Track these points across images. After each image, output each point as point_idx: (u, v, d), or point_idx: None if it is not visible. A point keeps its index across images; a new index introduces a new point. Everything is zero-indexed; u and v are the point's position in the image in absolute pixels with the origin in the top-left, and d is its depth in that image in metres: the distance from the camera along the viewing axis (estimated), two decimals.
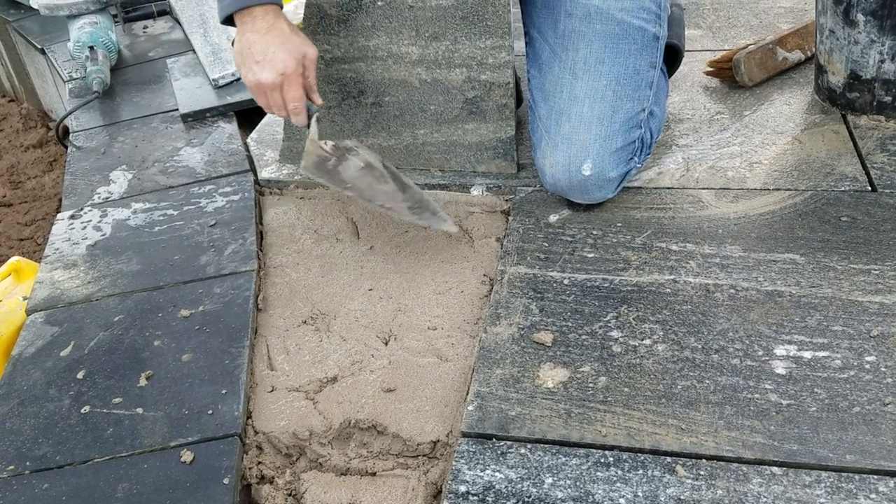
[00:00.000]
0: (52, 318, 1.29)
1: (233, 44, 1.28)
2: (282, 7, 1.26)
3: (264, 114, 1.73)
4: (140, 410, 1.11)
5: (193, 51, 1.98)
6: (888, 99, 1.46)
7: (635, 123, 1.33)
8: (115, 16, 2.16)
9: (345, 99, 1.47)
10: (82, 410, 1.12)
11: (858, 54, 1.44)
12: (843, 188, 1.34)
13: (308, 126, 1.29)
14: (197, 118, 1.74)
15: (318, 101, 1.30)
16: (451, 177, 1.47)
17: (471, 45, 1.37)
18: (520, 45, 1.48)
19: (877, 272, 1.17)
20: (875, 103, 1.47)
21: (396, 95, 1.44)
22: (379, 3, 1.36)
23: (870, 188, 1.33)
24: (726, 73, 1.64)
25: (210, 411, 1.09)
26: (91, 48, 1.90)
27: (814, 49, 1.59)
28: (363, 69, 1.43)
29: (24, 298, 1.39)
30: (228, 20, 1.25)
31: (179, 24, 2.15)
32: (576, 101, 1.31)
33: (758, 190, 1.36)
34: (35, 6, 2.03)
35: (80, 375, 1.17)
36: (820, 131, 1.48)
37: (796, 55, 1.66)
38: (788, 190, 1.35)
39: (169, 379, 1.15)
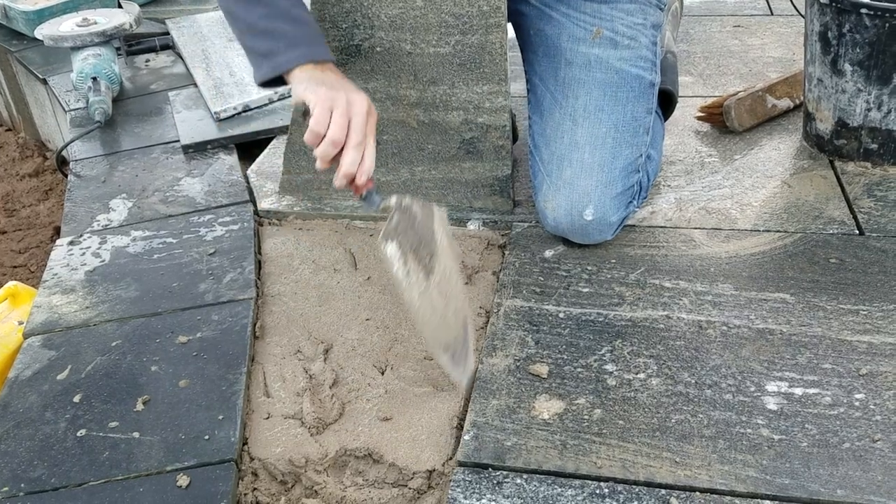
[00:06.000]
0: (49, 342, 1.29)
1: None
2: None
3: (264, 147, 1.76)
4: (136, 434, 1.11)
5: (195, 84, 2.01)
6: (874, 146, 1.50)
7: (634, 168, 1.37)
8: (118, 49, 2.19)
9: None
10: (78, 434, 1.12)
11: (846, 102, 1.49)
12: (831, 231, 1.37)
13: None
14: (198, 150, 1.77)
15: (370, 162, 1.12)
16: (448, 211, 1.49)
17: (468, 90, 1.40)
18: (517, 87, 1.52)
19: (865, 312, 1.20)
20: (862, 150, 1.52)
21: (395, 134, 1.47)
22: (377, 49, 1.39)
23: (857, 232, 1.37)
24: (717, 119, 1.68)
25: (206, 436, 1.10)
26: (94, 79, 1.92)
27: (802, 97, 1.64)
28: None
29: (20, 323, 1.39)
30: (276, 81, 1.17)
31: (181, 59, 2.19)
32: (577, 147, 1.34)
33: (748, 231, 1.39)
34: (39, 37, 2.06)
35: (76, 399, 1.17)
36: (808, 176, 1.52)
37: (785, 102, 1.71)
38: (778, 232, 1.38)
39: (166, 404, 1.15)
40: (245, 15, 1.16)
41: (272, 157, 1.71)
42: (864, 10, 1.38)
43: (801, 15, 1.56)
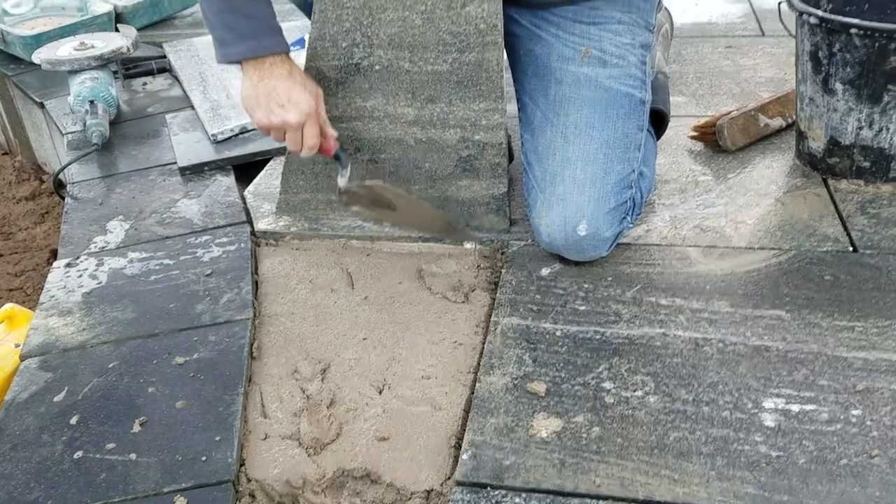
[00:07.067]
0: (46, 364, 1.29)
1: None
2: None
3: (261, 168, 1.76)
4: (133, 456, 1.10)
5: (192, 107, 2.02)
6: (867, 164, 1.51)
7: (626, 184, 1.38)
8: (115, 72, 2.20)
9: None
10: (75, 456, 1.11)
11: (837, 121, 1.50)
12: (825, 248, 1.38)
13: (343, 169, 1.39)
14: (195, 171, 1.77)
15: (332, 132, 1.36)
16: None
17: (465, 108, 1.42)
18: (511, 107, 1.53)
19: (860, 329, 1.21)
20: (854, 168, 1.53)
21: (392, 153, 1.48)
22: (376, 68, 1.41)
23: (851, 249, 1.38)
24: (710, 138, 1.69)
25: (203, 458, 1.09)
26: (91, 102, 1.93)
27: (794, 116, 1.66)
28: (360, 128, 1.47)
29: (17, 346, 1.39)
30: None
31: (178, 82, 2.20)
32: (569, 163, 1.35)
33: (743, 248, 1.40)
34: (37, 61, 2.07)
35: (73, 421, 1.17)
36: (802, 194, 1.53)
37: (777, 122, 1.73)
38: (773, 249, 1.39)
39: (163, 425, 1.15)
40: (206, 6, 1.30)
41: (269, 178, 1.72)
42: (853, 30, 1.40)
43: (791, 35, 1.58)
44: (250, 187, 1.71)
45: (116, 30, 2.46)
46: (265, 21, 1.30)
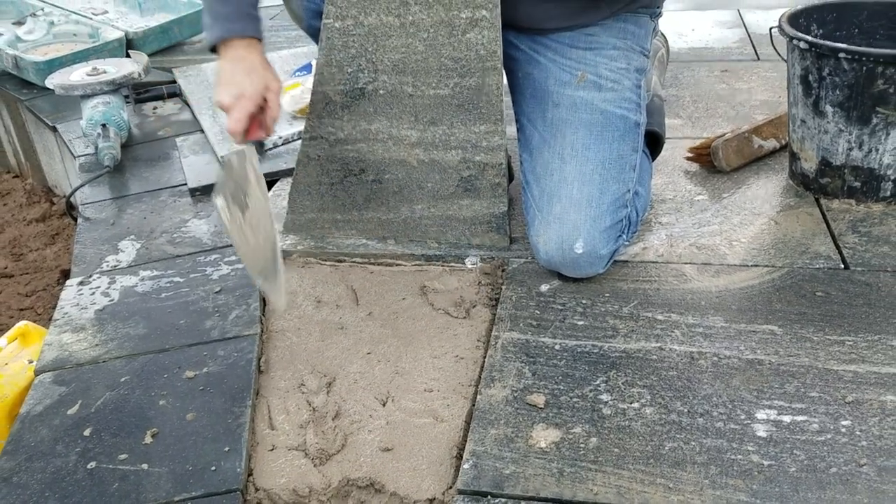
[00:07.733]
0: (59, 378, 1.32)
1: None
2: (261, 41, 1.38)
3: (269, 188, 1.81)
4: (145, 466, 1.14)
5: (202, 130, 2.08)
6: (857, 184, 1.56)
7: (622, 203, 1.42)
8: (126, 96, 2.26)
9: (346, 176, 1.55)
10: (88, 466, 1.15)
11: (828, 142, 1.54)
12: (817, 266, 1.42)
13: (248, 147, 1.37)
14: (205, 192, 1.82)
15: (270, 127, 1.38)
16: (446, 248, 1.54)
17: (466, 130, 1.47)
18: (511, 129, 1.58)
19: (850, 343, 1.24)
20: (845, 188, 1.57)
21: (396, 173, 1.53)
22: (381, 92, 1.46)
23: (843, 266, 1.41)
24: (705, 159, 1.74)
25: (213, 468, 1.13)
26: (103, 126, 1.98)
27: (787, 138, 1.70)
28: (365, 150, 1.52)
29: (30, 362, 1.43)
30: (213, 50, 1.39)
31: (188, 106, 2.26)
32: (565, 183, 1.40)
33: (737, 266, 1.44)
34: (50, 86, 2.13)
35: (86, 433, 1.20)
36: (795, 213, 1.57)
37: (771, 143, 1.77)
38: (766, 266, 1.43)
39: (173, 436, 1.19)
40: None
41: (276, 199, 1.76)
42: (842, 55, 1.44)
43: (784, 60, 1.63)
44: None
45: (127, 55, 2.53)
46: (238, 7, 1.36)
